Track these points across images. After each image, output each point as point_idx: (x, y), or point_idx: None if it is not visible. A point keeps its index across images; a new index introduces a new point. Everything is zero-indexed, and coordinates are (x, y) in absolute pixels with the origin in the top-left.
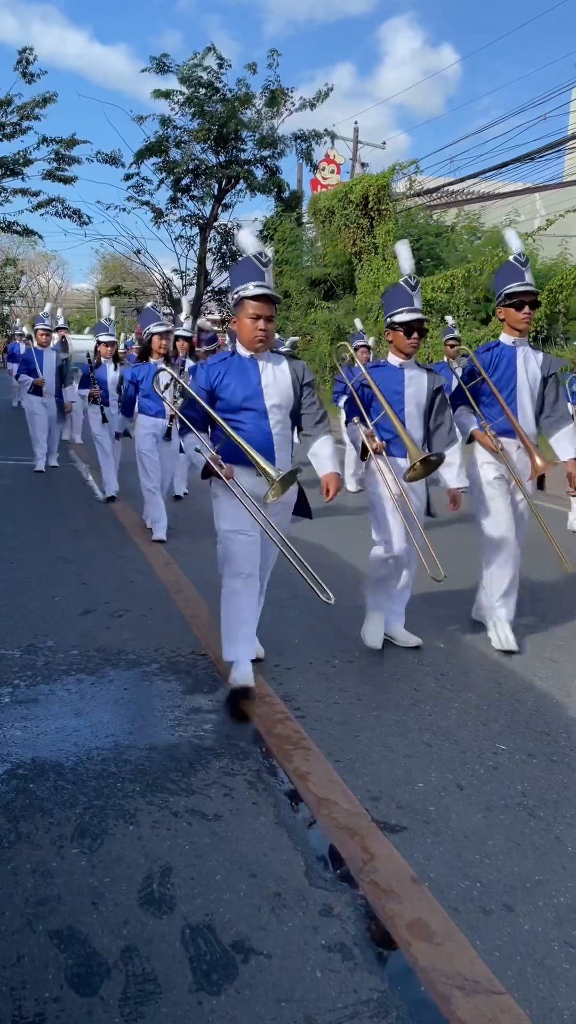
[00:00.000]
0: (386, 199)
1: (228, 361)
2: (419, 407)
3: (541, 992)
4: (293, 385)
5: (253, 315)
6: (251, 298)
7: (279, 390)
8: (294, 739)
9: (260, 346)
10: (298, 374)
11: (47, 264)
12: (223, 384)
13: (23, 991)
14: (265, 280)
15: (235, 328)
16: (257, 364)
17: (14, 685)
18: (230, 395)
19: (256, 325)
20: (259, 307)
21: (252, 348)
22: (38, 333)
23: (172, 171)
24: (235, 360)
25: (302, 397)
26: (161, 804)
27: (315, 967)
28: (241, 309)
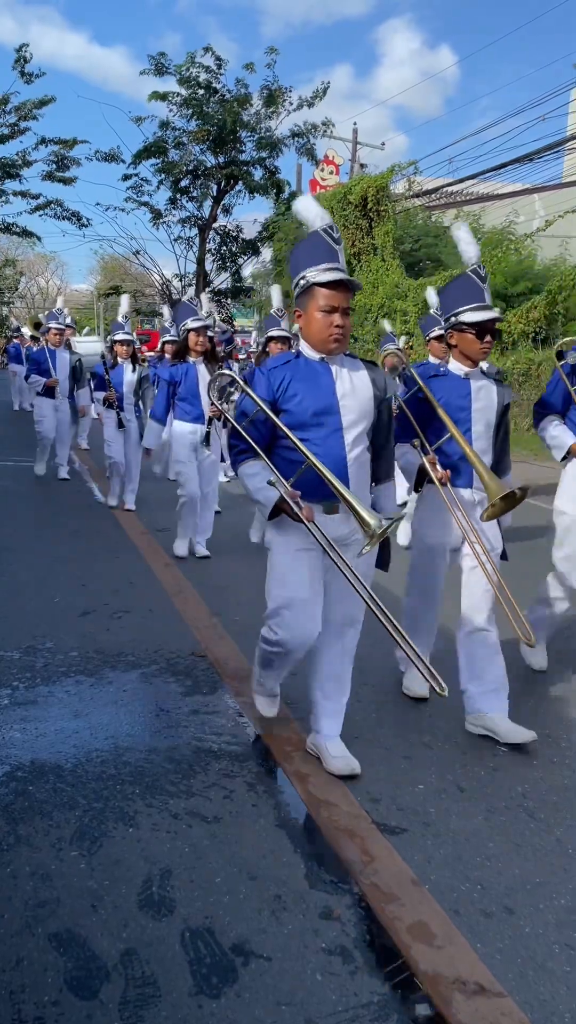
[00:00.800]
0: (385, 200)
1: (293, 365)
2: (488, 427)
3: (542, 995)
4: (374, 398)
5: (326, 307)
6: (323, 285)
7: (359, 403)
8: (294, 741)
9: (335, 347)
10: (379, 385)
11: (46, 265)
12: (288, 394)
13: (22, 994)
14: (339, 261)
15: (299, 324)
16: (330, 369)
17: (13, 687)
18: (298, 408)
19: (330, 320)
20: (333, 296)
21: (325, 349)
22: (51, 332)
23: (170, 172)
24: (302, 364)
25: (379, 415)
26: (161, 806)
27: (315, 970)
28: (309, 299)
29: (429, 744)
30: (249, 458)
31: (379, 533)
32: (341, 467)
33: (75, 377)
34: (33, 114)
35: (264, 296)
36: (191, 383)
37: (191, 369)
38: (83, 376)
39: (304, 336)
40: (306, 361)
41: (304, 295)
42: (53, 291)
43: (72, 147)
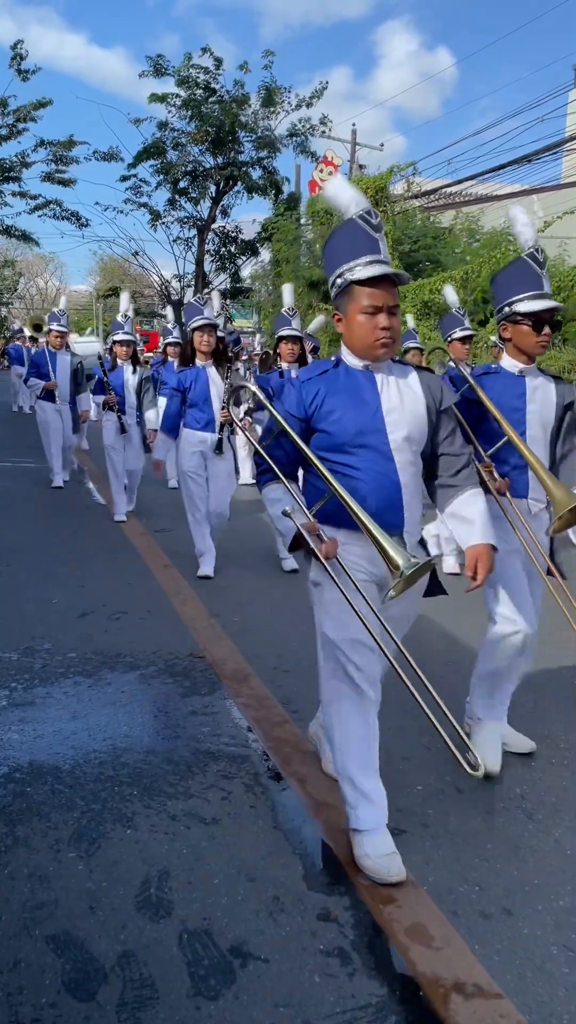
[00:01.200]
0: (384, 201)
1: (331, 376)
2: (545, 429)
3: (540, 996)
4: (428, 410)
5: (369, 307)
6: (364, 282)
7: (408, 417)
8: (292, 742)
9: (383, 352)
10: (434, 394)
11: (45, 266)
12: (324, 410)
13: (20, 996)
14: (381, 252)
15: (339, 329)
16: (374, 379)
17: (11, 688)
18: (336, 426)
19: (375, 322)
20: (377, 295)
21: (371, 356)
22: (52, 334)
23: (169, 173)
24: (341, 373)
25: (438, 429)
26: (159, 808)
27: (313, 972)
28: (348, 300)
29: (428, 745)
30: (272, 480)
31: (407, 575)
32: (392, 494)
33: (76, 380)
34: (31, 115)
35: (263, 297)
36: (201, 388)
37: (200, 373)
38: (85, 379)
39: (346, 342)
40: (347, 370)
41: (343, 296)
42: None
43: (71, 148)
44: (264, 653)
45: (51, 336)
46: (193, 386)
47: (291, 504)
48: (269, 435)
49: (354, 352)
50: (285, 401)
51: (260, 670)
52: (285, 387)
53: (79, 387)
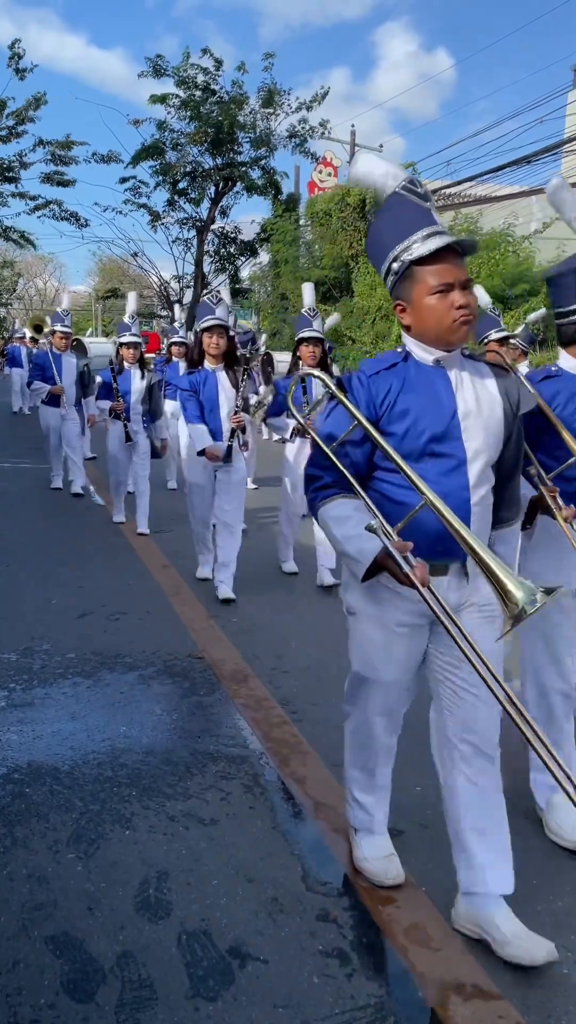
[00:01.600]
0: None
1: (402, 370)
2: None
3: (539, 997)
4: (505, 415)
5: (439, 285)
6: (426, 260)
7: (486, 424)
8: (291, 743)
9: (465, 331)
10: (511, 396)
11: (44, 267)
12: (397, 411)
13: (19, 997)
14: (438, 222)
15: (405, 321)
16: (447, 377)
17: (10, 688)
18: (410, 431)
19: (449, 301)
20: (445, 270)
21: (452, 339)
22: (56, 335)
23: (168, 173)
24: (411, 368)
25: (512, 439)
26: (158, 808)
27: (312, 972)
28: (412, 285)
29: (427, 746)
30: (335, 495)
31: (530, 612)
32: (462, 514)
33: (83, 384)
34: (29, 116)
35: (262, 298)
36: (210, 394)
37: (209, 377)
38: (92, 382)
39: (416, 333)
40: (417, 366)
41: (403, 282)
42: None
43: (69, 148)
44: (263, 654)
45: (55, 337)
46: (200, 391)
47: (371, 520)
48: (331, 440)
49: (427, 341)
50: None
51: (259, 671)
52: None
53: (86, 390)
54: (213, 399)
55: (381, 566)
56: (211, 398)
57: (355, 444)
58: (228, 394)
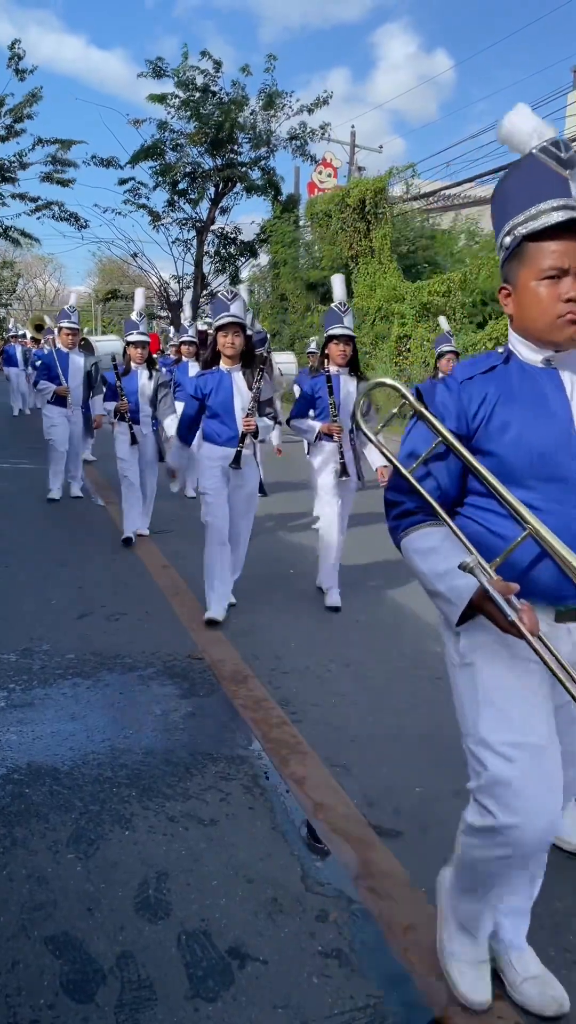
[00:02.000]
0: (383, 203)
1: (500, 375)
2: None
3: None
4: None
5: (551, 269)
6: (543, 235)
7: None
8: (291, 743)
9: (565, 335)
10: None
11: (44, 267)
12: (495, 424)
13: (18, 997)
14: (573, 195)
15: (508, 310)
16: (560, 380)
17: (9, 689)
18: (511, 448)
19: (557, 290)
20: (563, 251)
21: (557, 338)
22: (62, 332)
23: (168, 174)
24: (514, 372)
25: None
26: (157, 809)
27: (311, 973)
28: (520, 264)
29: (426, 747)
30: (420, 523)
31: None
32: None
33: (89, 383)
34: (27, 113)
35: (261, 299)
36: (224, 396)
37: (224, 379)
38: (97, 382)
39: (517, 326)
40: (521, 368)
41: (512, 261)
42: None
43: (69, 148)
44: (263, 655)
45: (62, 334)
46: (214, 393)
47: (467, 557)
48: (412, 460)
49: (529, 337)
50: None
51: (259, 671)
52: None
53: (92, 390)
54: (227, 402)
55: (479, 609)
56: (225, 400)
57: (441, 464)
58: (244, 397)
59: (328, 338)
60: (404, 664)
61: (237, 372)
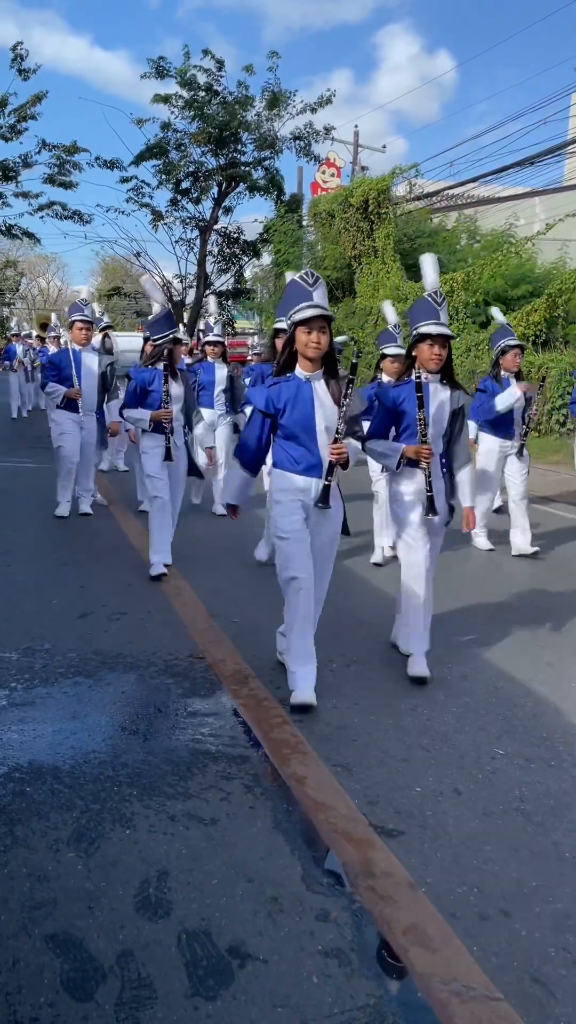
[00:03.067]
0: (386, 203)
1: None
2: None
3: (538, 998)
4: None
5: None
6: None
7: None
8: (291, 743)
9: None
10: None
11: (47, 266)
12: None
13: (18, 996)
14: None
15: None
16: None
17: (11, 688)
18: None
19: None
20: None
21: None
22: (75, 326)
23: (171, 173)
24: None
25: None
26: (158, 808)
27: (311, 972)
28: None
29: (427, 747)
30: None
31: None
32: None
33: (104, 386)
34: (30, 113)
35: (264, 298)
36: (303, 412)
37: (303, 389)
38: (114, 384)
39: None
40: None
41: None
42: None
43: (73, 153)
44: (264, 654)
45: (74, 329)
46: (290, 408)
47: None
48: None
49: None
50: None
51: (260, 671)
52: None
53: (107, 393)
54: (307, 419)
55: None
56: (304, 418)
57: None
58: (328, 412)
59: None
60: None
61: (319, 381)
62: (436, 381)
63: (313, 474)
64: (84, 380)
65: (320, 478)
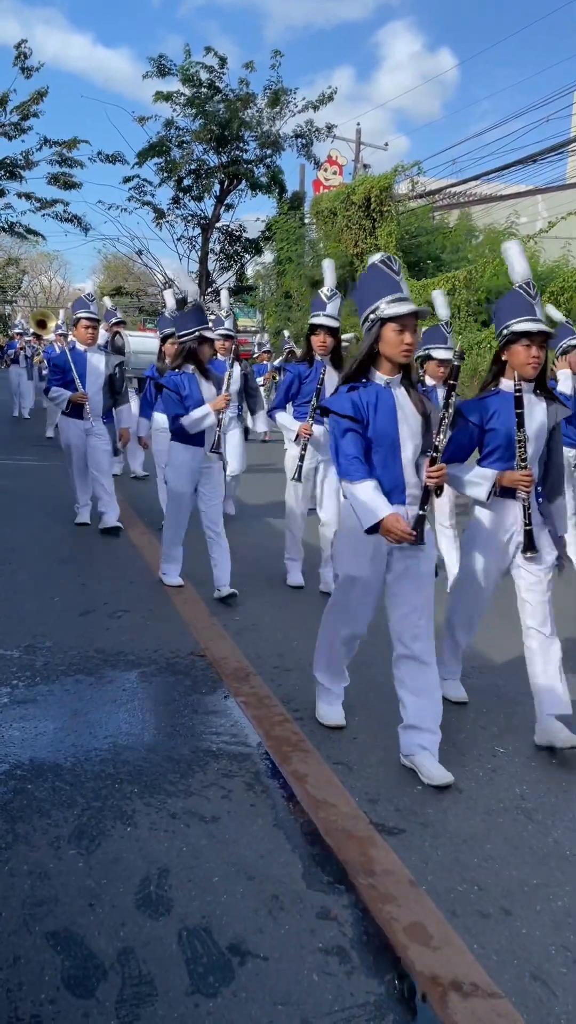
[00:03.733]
0: (388, 200)
1: None
2: None
3: (538, 996)
4: None
5: None
6: None
7: None
8: (293, 741)
9: None
10: None
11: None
12: None
13: (19, 993)
14: None
15: None
16: None
17: (12, 685)
18: None
19: None
20: None
21: None
22: (80, 325)
23: (173, 171)
24: None
25: None
26: (159, 806)
27: (312, 970)
28: None
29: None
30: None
31: None
32: None
33: (114, 388)
34: (33, 111)
35: (265, 297)
36: (384, 424)
37: (384, 397)
38: (124, 387)
39: None
40: None
41: None
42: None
43: (72, 148)
44: (265, 652)
45: (79, 328)
46: (372, 418)
47: None
48: None
49: None
50: None
51: (261, 669)
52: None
53: (116, 397)
54: (390, 432)
55: None
56: (386, 431)
57: None
58: (412, 425)
59: (509, 338)
60: None
61: (399, 388)
62: (531, 391)
63: (395, 500)
64: (90, 383)
65: (403, 504)
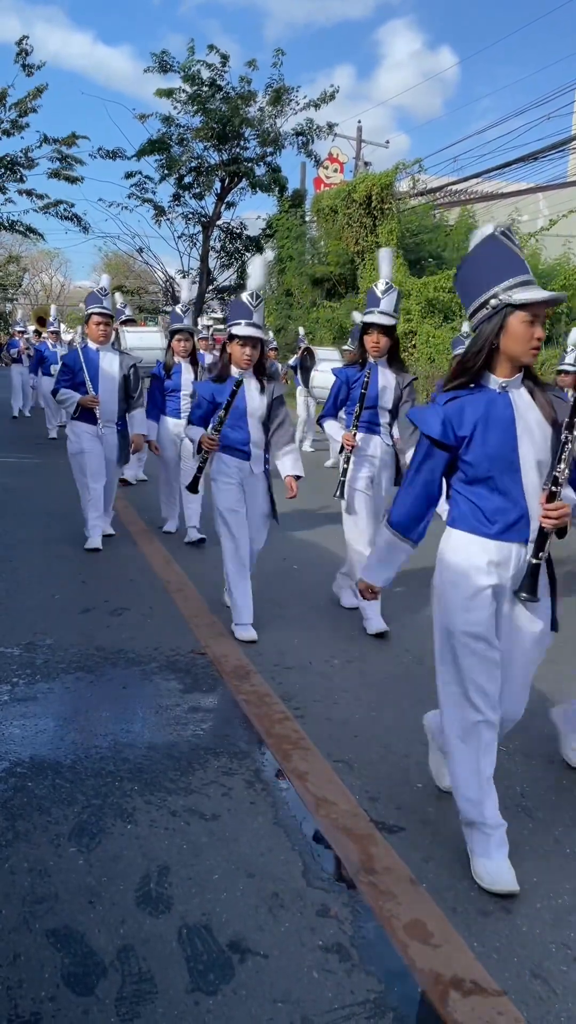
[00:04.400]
0: (389, 198)
1: None
2: None
3: (538, 994)
4: None
5: None
6: None
7: None
8: (293, 739)
9: None
10: None
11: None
12: None
13: (19, 990)
14: None
15: None
16: None
17: (13, 683)
18: None
19: None
20: None
21: None
22: (91, 321)
23: (174, 168)
24: None
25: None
26: (159, 803)
27: (312, 967)
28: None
29: (428, 743)
30: None
31: None
32: None
33: (127, 392)
34: (31, 106)
35: (267, 294)
36: (500, 439)
37: (499, 404)
38: (140, 389)
39: None
40: None
41: None
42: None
43: (71, 144)
44: (265, 650)
45: (90, 325)
46: (480, 434)
47: None
48: None
49: None
50: None
51: (261, 667)
52: None
53: (131, 401)
54: (505, 452)
55: None
56: (500, 451)
57: None
58: (538, 440)
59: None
60: (407, 660)
61: (519, 389)
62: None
63: (515, 537)
64: (102, 385)
65: (526, 543)
